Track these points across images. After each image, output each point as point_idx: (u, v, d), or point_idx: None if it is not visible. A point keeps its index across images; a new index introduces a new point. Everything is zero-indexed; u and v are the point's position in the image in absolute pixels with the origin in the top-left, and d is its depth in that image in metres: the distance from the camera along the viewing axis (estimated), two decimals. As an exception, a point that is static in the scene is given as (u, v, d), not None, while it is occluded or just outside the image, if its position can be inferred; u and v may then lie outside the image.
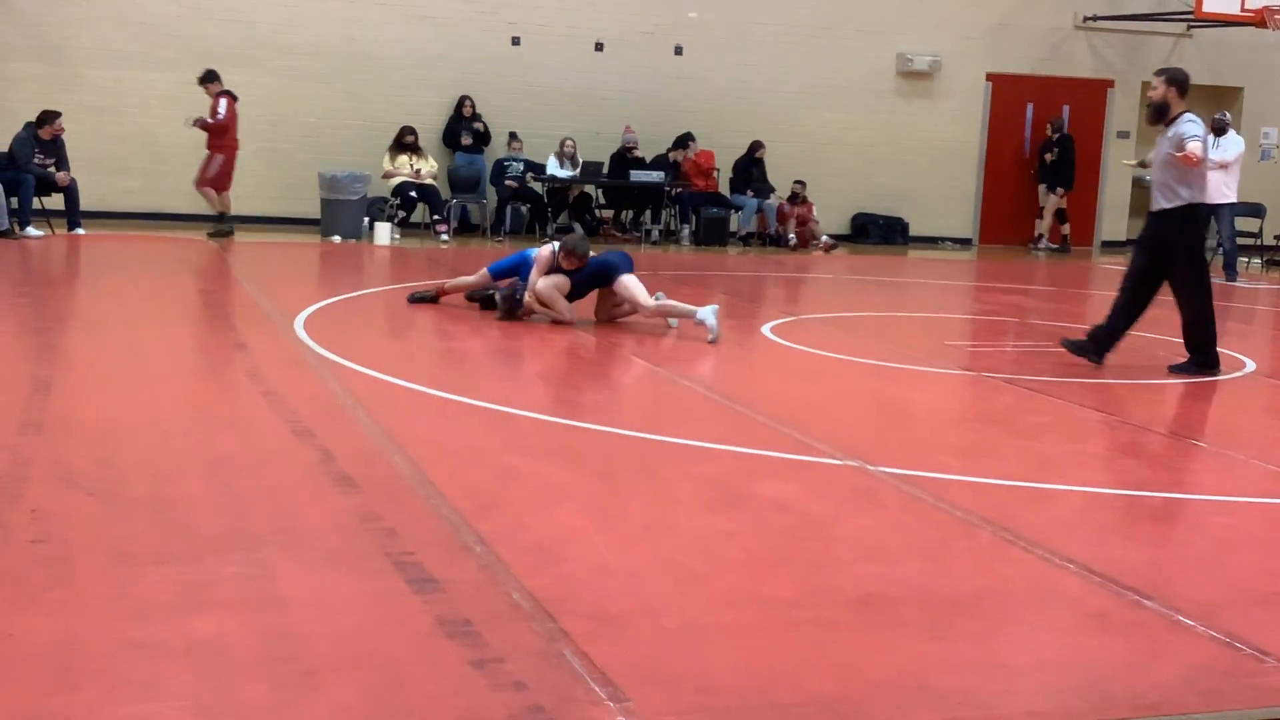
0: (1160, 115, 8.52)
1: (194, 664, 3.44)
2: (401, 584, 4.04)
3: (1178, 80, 8.51)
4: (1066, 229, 18.93)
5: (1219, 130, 15.49)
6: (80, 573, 4.03)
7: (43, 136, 13.88)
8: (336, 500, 4.90)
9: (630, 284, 9.37)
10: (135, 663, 3.45)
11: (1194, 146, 8.24)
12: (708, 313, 9.04)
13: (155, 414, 6.17)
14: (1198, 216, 8.53)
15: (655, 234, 16.95)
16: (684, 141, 16.94)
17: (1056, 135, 18.57)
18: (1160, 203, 8.53)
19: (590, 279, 9.52)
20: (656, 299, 9.35)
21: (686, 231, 16.98)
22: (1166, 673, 3.69)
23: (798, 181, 17.38)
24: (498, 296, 9.65)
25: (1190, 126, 8.33)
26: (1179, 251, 8.55)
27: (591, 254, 9.55)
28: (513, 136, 16.48)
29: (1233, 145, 15.38)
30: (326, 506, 4.82)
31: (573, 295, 9.50)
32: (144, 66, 15.66)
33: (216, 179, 14.55)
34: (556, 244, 9.65)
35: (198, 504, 4.78)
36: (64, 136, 14.16)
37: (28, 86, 15.06)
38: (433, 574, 4.13)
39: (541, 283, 9.43)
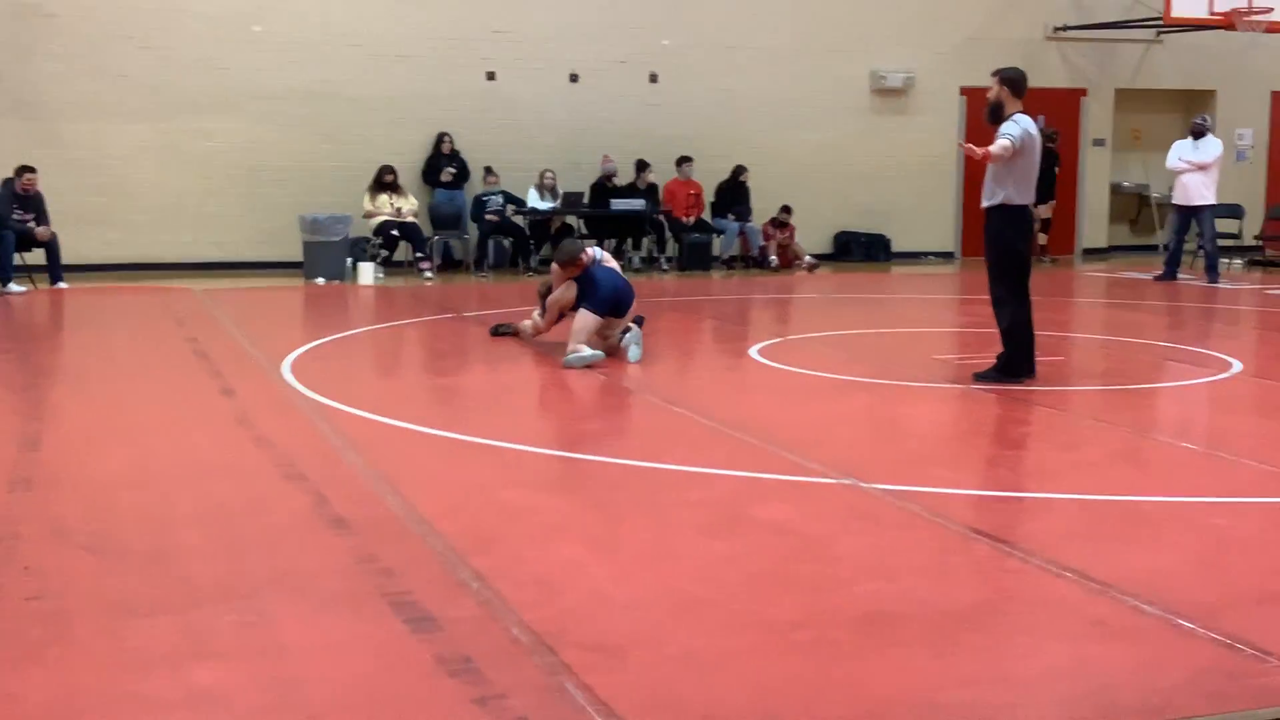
0: (996, 115, 8.35)
1: (195, 715, 3.42)
2: (400, 624, 4.03)
3: (1011, 80, 8.34)
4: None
5: (1198, 133, 15.57)
6: (77, 628, 4.00)
7: (17, 191, 13.87)
8: (332, 543, 4.88)
9: (581, 314, 9.23)
10: (136, 716, 3.43)
11: (997, 144, 8.09)
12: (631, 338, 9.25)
13: (146, 465, 6.14)
14: (1011, 217, 8.29)
15: (636, 261, 16.96)
16: (643, 165, 16.94)
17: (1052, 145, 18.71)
18: (983, 200, 8.49)
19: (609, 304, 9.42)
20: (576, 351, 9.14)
21: (663, 259, 17.02)
22: (1170, 677, 3.69)
23: (784, 208, 17.42)
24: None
25: (1009, 125, 8.18)
26: (993, 251, 8.43)
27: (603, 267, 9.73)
28: (488, 171, 16.50)
29: (1212, 148, 15.47)
30: (322, 550, 4.80)
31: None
32: (122, 118, 15.65)
33: None
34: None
35: (193, 553, 4.76)
36: (44, 191, 14.14)
37: (6, 143, 15.02)
38: (431, 613, 4.11)
39: (554, 294, 9.69)
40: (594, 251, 10.01)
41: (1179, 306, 13.72)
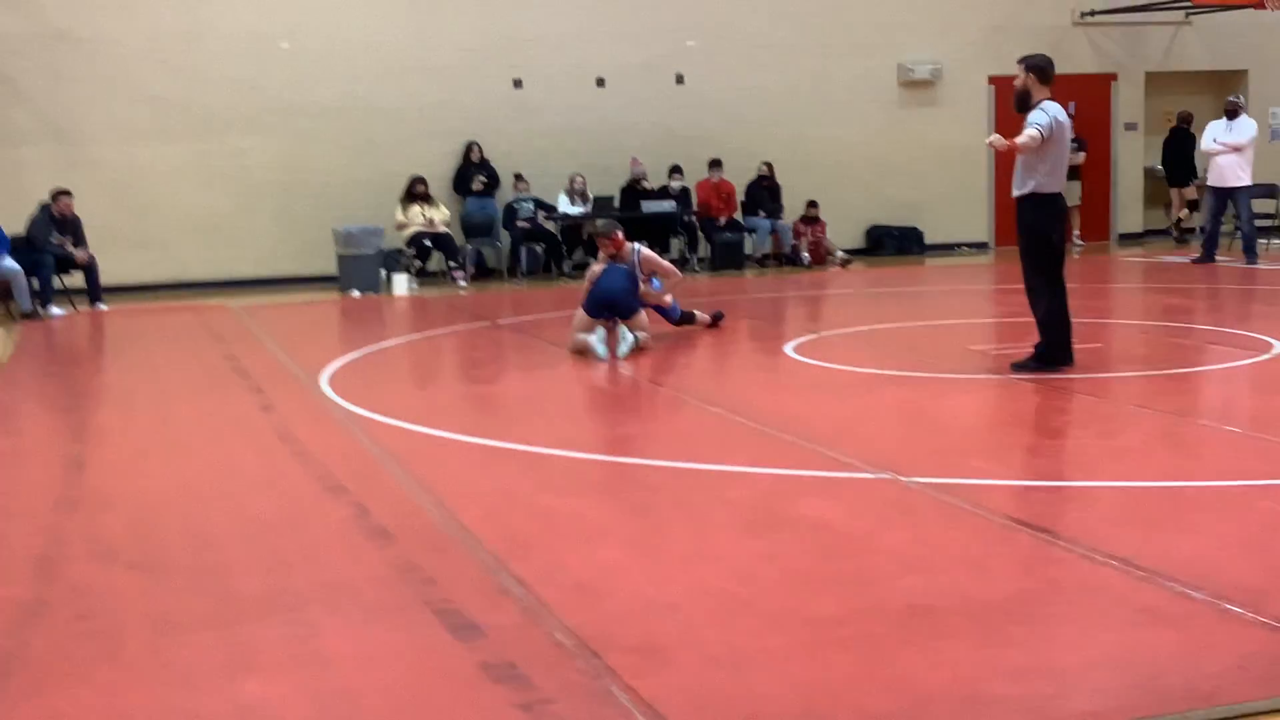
0: (1023, 103, 8.26)
1: (245, 728, 3.44)
2: (444, 632, 4.05)
3: (1038, 67, 8.25)
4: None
5: (1232, 114, 15.41)
6: (126, 645, 4.04)
7: (54, 215, 14.02)
8: (374, 553, 4.91)
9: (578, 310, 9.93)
10: (186, 731, 3.46)
11: (1025, 134, 8.01)
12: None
13: (189, 482, 6.20)
14: (1043, 206, 8.20)
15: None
16: (676, 169, 16.95)
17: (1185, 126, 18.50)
18: (1014, 189, 8.40)
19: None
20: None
21: (695, 259, 17.02)
22: (1219, 662, 3.66)
23: (811, 203, 17.39)
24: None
25: (1036, 114, 8.09)
26: (1026, 240, 8.34)
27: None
28: (518, 178, 16.54)
29: (1246, 128, 15.30)
30: (365, 560, 4.83)
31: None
32: (155, 139, 15.80)
33: None
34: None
35: (238, 568, 4.79)
36: (81, 215, 14.28)
37: (42, 168, 15.19)
38: (475, 620, 4.13)
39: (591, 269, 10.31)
40: (634, 245, 10.39)
41: (1218, 289, 13.59)
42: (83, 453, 7.01)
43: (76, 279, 14.26)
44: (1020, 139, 8.06)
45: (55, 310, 13.71)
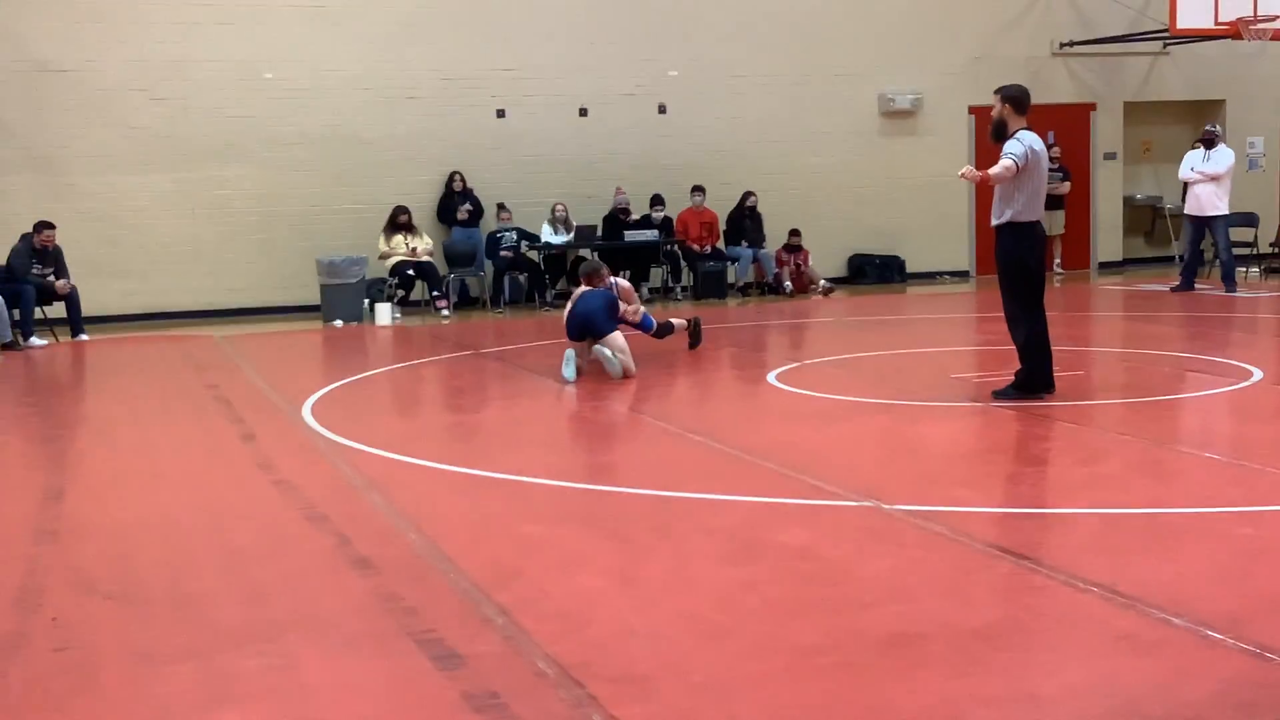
0: (999, 133, 8.34)
1: (224, 759, 3.42)
2: (425, 662, 4.03)
3: (1013, 97, 8.32)
4: None
5: (1209, 143, 15.52)
6: (104, 677, 4.02)
7: (35, 246, 13.99)
8: (355, 583, 4.90)
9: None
10: (165, 763, 3.44)
11: (999, 164, 8.06)
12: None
13: (169, 512, 6.17)
14: (1021, 234, 8.27)
15: (646, 291, 16.97)
16: (658, 200, 17.03)
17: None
18: (992, 219, 8.46)
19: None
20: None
21: (678, 288, 17.06)
22: (1199, 689, 3.67)
23: (794, 231, 17.46)
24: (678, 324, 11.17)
25: (1012, 144, 8.15)
26: (1004, 268, 8.39)
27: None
28: (501, 207, 16.57)
29: (1223, 158, 15.40)
30: (345, 590, 4.82)
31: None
32: (136, 169, 15.78)
33: None
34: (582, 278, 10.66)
35: (217, 598, 4.77)
36: (63, 244, 14.24)
37: (22, 198, 15.17)
38: (456, 649, 4.12)
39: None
40: (612, 280, 10.68)
41: (1197, 317, 13.67)
42: (62, 483, 6.98)
43: (58, 309, 14.22)
44: (994, 170, 8.11)
45: (36, 341, 13.66)
